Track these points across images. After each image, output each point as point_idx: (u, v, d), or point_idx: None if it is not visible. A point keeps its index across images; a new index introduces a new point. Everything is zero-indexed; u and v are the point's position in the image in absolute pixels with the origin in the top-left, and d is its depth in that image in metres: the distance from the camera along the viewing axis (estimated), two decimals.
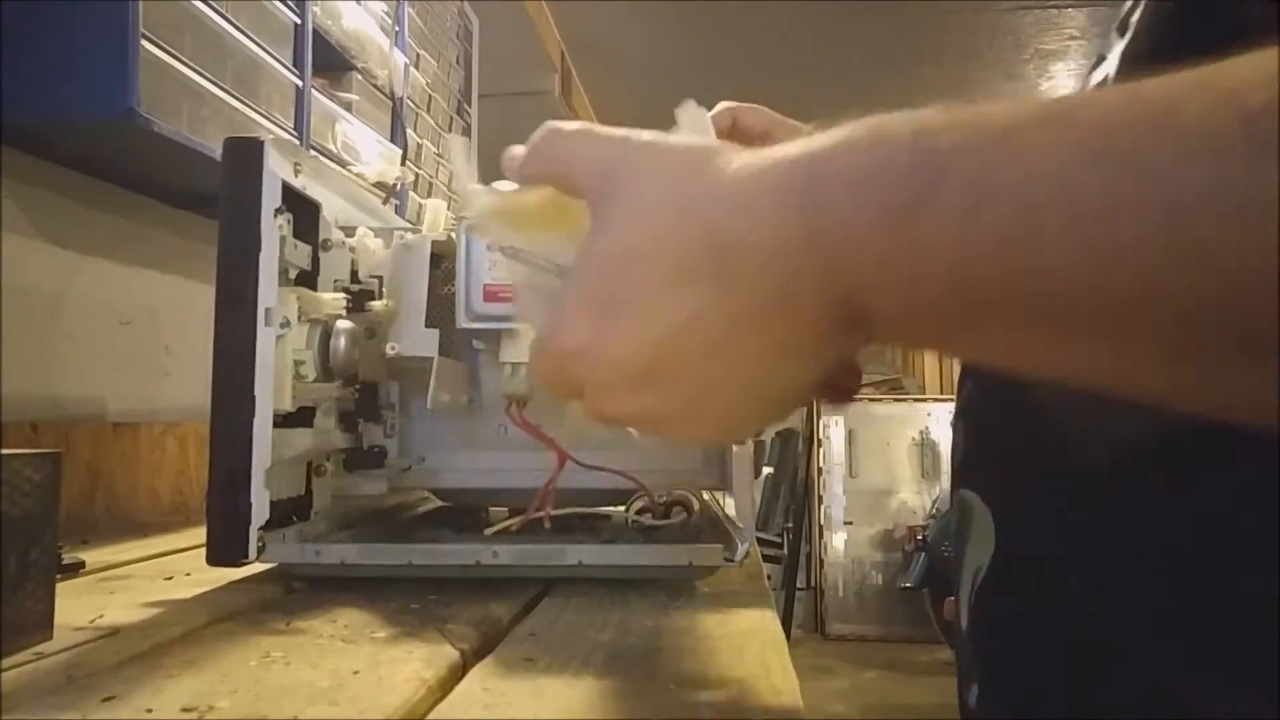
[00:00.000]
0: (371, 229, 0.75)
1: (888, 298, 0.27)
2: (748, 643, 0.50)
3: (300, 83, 1.22)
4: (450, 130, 1.97)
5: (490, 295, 0.69)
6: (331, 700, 0.39)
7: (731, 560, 0.62)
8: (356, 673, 0.43)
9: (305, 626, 0.52)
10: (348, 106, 1.43)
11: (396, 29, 1.64)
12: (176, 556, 0.79)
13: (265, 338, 0.58)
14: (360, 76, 1.49)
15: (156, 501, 1.09)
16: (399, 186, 1.58)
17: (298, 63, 1.22)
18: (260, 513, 0.58)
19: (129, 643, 0.48)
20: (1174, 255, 0.22)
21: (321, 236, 0.69)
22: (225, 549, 0.58)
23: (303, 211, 0.66)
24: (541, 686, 0.41)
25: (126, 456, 1.04)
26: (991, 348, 0.28)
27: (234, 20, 1.06)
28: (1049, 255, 0.23)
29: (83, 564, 0.70)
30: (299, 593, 0.63)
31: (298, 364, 0.64)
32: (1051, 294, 0.24)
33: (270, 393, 0.59)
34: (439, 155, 1.89)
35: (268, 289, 0.59)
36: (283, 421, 0.63)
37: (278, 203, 0.60)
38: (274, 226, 0.60)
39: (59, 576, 0.53)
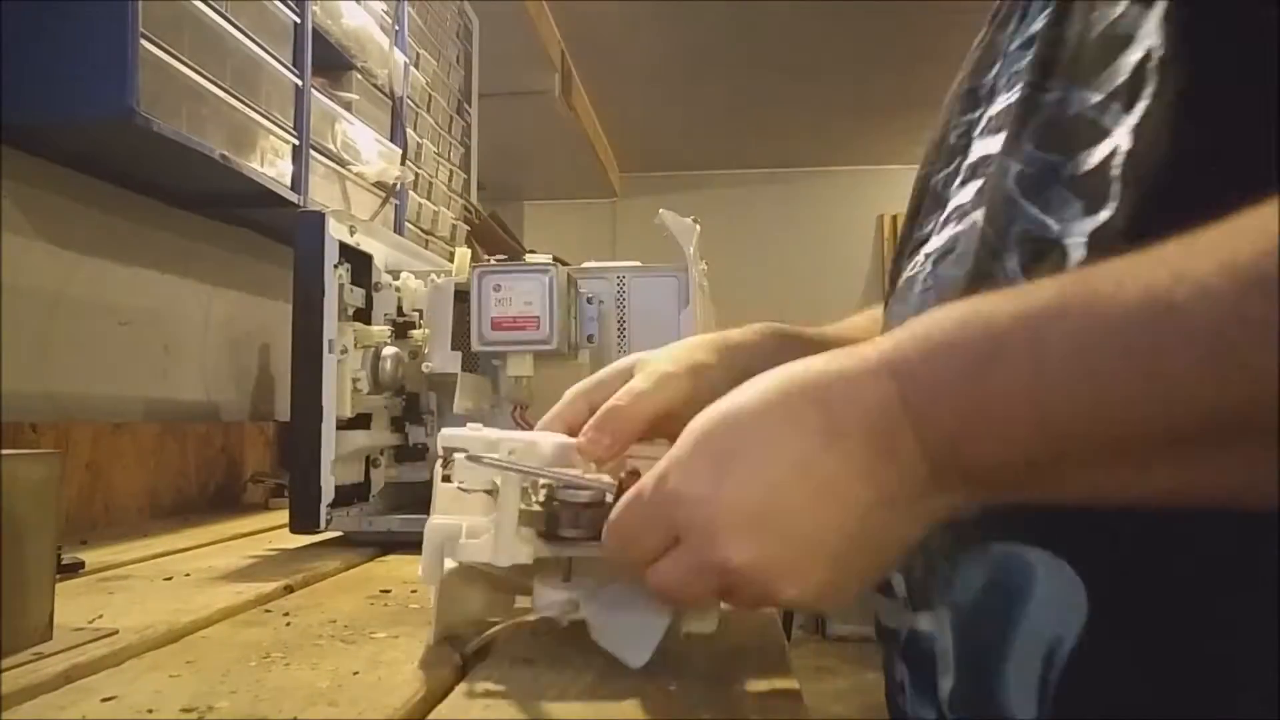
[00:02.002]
0: (413, 272, 0.91)
1: (981, 447, 0.31)
2: (748, 643, 0.50)
3: (300, 82, 1.22)
4: (450, 130, 1.97)
5: (496, 324, 0.82)
6: (331, 701, 0.39)
7: None
8: (356, 673, 0.43)
9: (305, 627, 0.52)
10: (348, 106, 1.43)
11: (396, 28, 1.64)
12: (176, 556, 0.79)
13: (329, 362, 0.76)
14: (360, 76, 1.49)
15: (156, 501, 1.09)
16: (399, 186, 1.58)
17: (297, 62, 1.22)
18: (328, 494, 0.76)
19: (129, 643, 0.48)
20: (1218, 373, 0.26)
21: (374, 280, 0.86)
22: (303, 521, 0.76)
23: (359, 262, 0.84)
24: (541, 686, 0.41)
25: (126, 456, 1.04)
26: (1078, 486, 0.31)
27: (233, 20, 1.06)
28: (1112, 388, 0.27)
29: (82, 564, 0.70)
30: (299, 593, 0.63)
31: (355, 381, 0.81)
32: (1122, 421, 0.28)
33: (334, 403, 0.76)
34: (439, 155, 1.89)
35: (330, 324, 0.76)
36: (345, 425, 0.79)
37: (336, 258, 0.77)
38: (334, 276, 0.77)
39: (59, 576, 0.53)
